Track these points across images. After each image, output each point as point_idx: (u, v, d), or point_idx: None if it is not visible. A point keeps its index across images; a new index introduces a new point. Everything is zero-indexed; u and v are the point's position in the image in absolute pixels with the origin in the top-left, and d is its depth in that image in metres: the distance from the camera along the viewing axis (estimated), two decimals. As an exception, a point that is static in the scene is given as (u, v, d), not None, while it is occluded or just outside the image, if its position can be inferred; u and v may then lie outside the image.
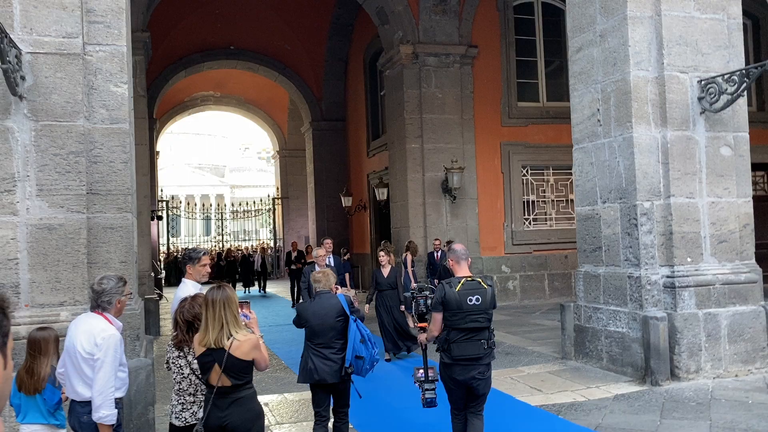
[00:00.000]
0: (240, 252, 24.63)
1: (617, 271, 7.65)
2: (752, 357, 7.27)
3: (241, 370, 3.46)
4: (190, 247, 35.37)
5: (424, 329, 4.85)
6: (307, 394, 7.17)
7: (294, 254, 17.59)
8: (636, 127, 7.35)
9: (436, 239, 12.92)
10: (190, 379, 3.69)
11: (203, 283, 5.08)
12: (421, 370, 4.74)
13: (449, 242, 11.26)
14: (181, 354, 3.73)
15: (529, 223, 14.95)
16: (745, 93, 7.31)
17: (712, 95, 7.27)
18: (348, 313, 4.88)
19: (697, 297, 7.18)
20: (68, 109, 5.67)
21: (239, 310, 3.73)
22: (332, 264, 9.82)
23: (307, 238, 23.90)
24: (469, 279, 4.55)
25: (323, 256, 9.09)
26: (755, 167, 15.43)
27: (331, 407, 5.05)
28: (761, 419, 5.72)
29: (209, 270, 5.01)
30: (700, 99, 7.39)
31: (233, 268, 22.01)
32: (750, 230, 7.71)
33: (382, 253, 9.43)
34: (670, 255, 7.30)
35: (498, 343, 9.67)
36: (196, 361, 3.62)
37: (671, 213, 7.30)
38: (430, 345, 4.88)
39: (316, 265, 8.95)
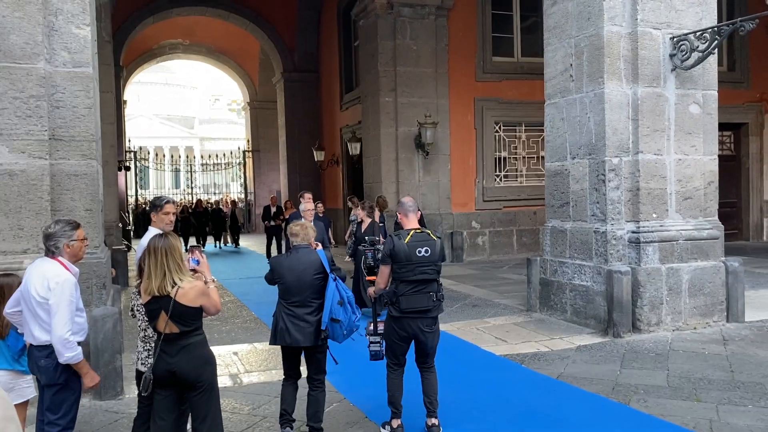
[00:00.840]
0: (210, 205, 24.00)
1: (584, 227, 7.77)
2: (711, 310, 7.51)
3: (189, 317, 3.45)
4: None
5: (373, 282, 4.87)
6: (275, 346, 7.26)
7: (273, 209, 16.52)
8: (608, 83, 7.37)
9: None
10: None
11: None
12: (372, 324, 4.80)
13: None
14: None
15: (500, 180, 15.04)
16: (716, 52, 7.35)
17: (684, 52, 7.30)
18: (328, 270, 4.39)
19: (661, 252, 7.35)
20: (27, 50, 5.47)
21: (191, 255, 3.73)
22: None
23: (279, 192, 23.73)
24: (417, 231, 4.56)
25: (311, 210, 8.42)
26: (723, 127, 15.67)
27: (305, 374, 4.64)
28: (716, 369, 5.95)
29: (172, 219, 4.83)
30: (671, 56, 7.41)
31: (203, 221, 21.07)
32: (714, 188, 7.86)
33: (359, 210, 9.24)
34: (636, 211, 7.43)
35: (465, 296, 9.93)
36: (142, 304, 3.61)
37: (639, 169, 7.39)
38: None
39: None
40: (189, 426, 3.80)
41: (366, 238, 5.79)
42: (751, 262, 11.76)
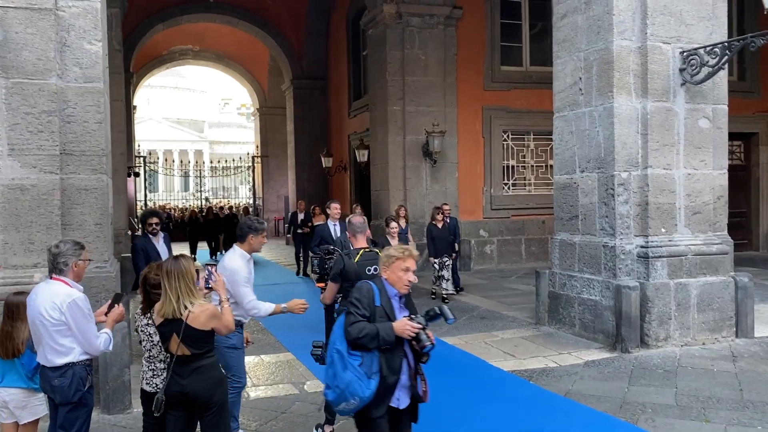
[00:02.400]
0: (222, 211, 22.45)
1: (593, 240, 7.75)
2: (719, 326, 7.47)
3: (200, 340, 3.48)
4: (166, 203, 35.07)
5: (322, 289, 5.13)
6: (284, 356, 7.28)
7: (301, 216, 14.82)
8: (617, 97, 7.35)
9: (445, 204, 11.53)
10: (160, 346, 3.70)
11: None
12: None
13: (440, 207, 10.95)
14: (150, 321, 3.73)
15: (508, 188, 15.01)
16: (727, 64, 7.33)
17: (694, 67, 7.27)
18: None
19: (670, 267, 7.31)
20: (40, 66, 5.52)
21: (205, 273, 3.76)
22: (338, 232, 8.69)
23: (287, 198, 23.81)
24: (366, 250, 4.81)
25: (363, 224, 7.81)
26: (733, 137, 15.58)
27: None
28: (724, 387, 5.92)
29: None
30: (681, 70, 7.39)
31: (215, 227, 19.77)
32: (724, 202, 7.82)
33: (394, 224, 8.64)
34: (645, 225, 7.40)
35: (473, 308, 9.91)
36: (156, 326, 3.63)
37: (648, 184, 7.36)
38: None
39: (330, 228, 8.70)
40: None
41: (320, 247, 5.94)
42: (761, 274, 11.68)
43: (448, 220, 10.97)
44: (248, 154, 28.07)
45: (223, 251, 20.44)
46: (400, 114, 14.07)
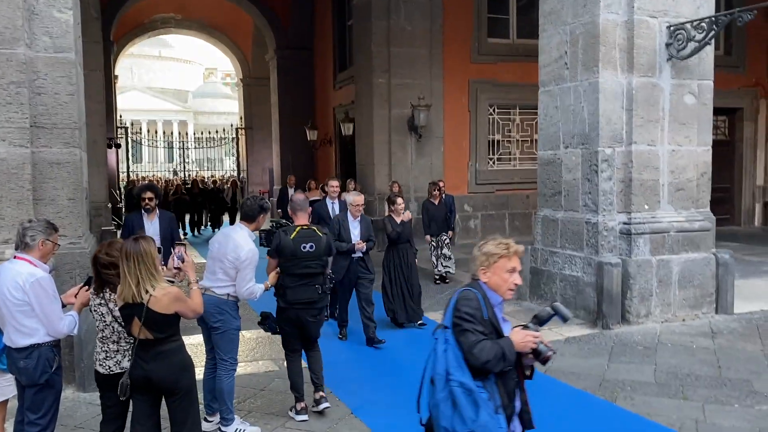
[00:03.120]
0: (207, 185, 22.12)
1: (575, 217, 7.71)
2: (700, 302, 7.50)
3: (163, 324, 3.36)
4: (149, 175, 34.67)
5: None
6: (264, 332, 7.22)
7: (291, 192, 13.59)
8: (602, 72, 7.26)
9: (441, 180, 11.18)
10: (113, 327, 3.59)
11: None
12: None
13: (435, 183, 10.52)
14: (102, 301, 3.62)
15: (493, 163, 14.93)
16: (713, 39, 7.24)
17: (680, 42, 7.18)
18: None
19: (652, 244, 7.31)
20: (7, 35, 5.32)
21: (176, 252, 3.65)
22: (337, 210, 8.13)
23: (272, 171, 23.58)
24: (304, 227, 4.84)
25: (360, 205, 6.92)
26: (717, 112, 15.51)
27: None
28: (703, 364, 5.95)
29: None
30: (668, 45, 7.29)
31: (200, 201, 19.49)
32: (707, 179, 7.81)
33: (400, 200, 7.77)
34: (628, 202, 7.37)
35: (456, 283, 9.87)
36: (116, 308, 3.54)
37: (632, 160, 7.32)
38: None
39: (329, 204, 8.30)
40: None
41: (272, 221, 6.00)
42: (741, 249, 11.75)
43: (444, 196, 10.51)
44: (232, 126, 27.70)
45: (210, 227, 20.16)
46: (385, 87, 13.87)
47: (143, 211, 6.78)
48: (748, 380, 5.51)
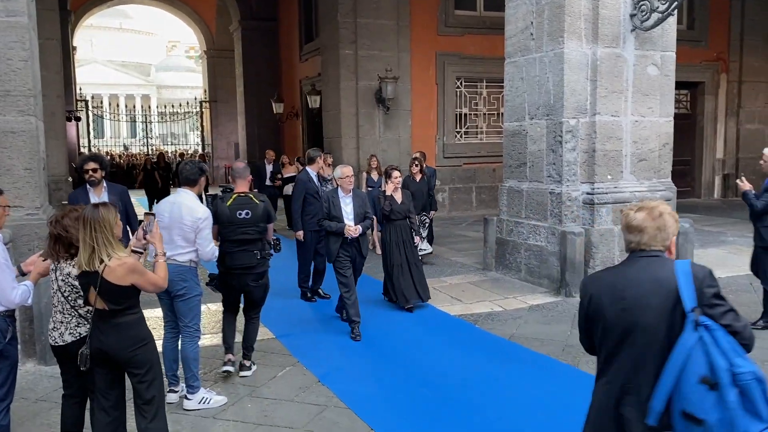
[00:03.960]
0: (175, 158, 22.02)
1: (540, 187, 7.79)
2: (660, 270, 7.67)
3: (118, 296, 3.25)
4: (110, 150, 33.92)
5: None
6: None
7: (269, 168, 13.10)
8: (567, 43, 7.28)
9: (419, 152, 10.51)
10: (58, 297, 3.50)
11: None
12: None
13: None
14: (52, 269, 3.53)
15: (461, 137, 14.97)
16: (676, 11, 7.30)
17: (644, 12, 7.23)
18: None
19: (614, 213, 7.43)
20: (-46, -3, 5.09)
21: (145, 221, 3.57)
22: (316, 183, 7.54)
23: (237, 145, 23.27)
24: (241, 195, 4.91)
25: (350, 177, 6.19)
26: (679, 85, 15.71)
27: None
28: (662, 329, 6.10)
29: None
30: (632, 16, 7.34)
31: (166, 176, 17.92)
32: (669, 149, 7.94)
33: (397, 173, 6.98)
34: (591, 172, 7.47)
35: (432, 264, 9.86)
36: (61, 279, 3.44)
37: (596, 131, 7.39)
38: None
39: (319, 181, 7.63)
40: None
41: (221, 187, 5.99)
42: (701, 220, 12.04)
43: (425, 172, 9.46)
44: (196, 99, 27.19)
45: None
46: (352, 58, 13.73)
47: (88, 185, 5.79)
48: (705, 343, 5.66)
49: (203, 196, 7.27)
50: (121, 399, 3.52)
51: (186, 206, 4.49)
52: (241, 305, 5.28)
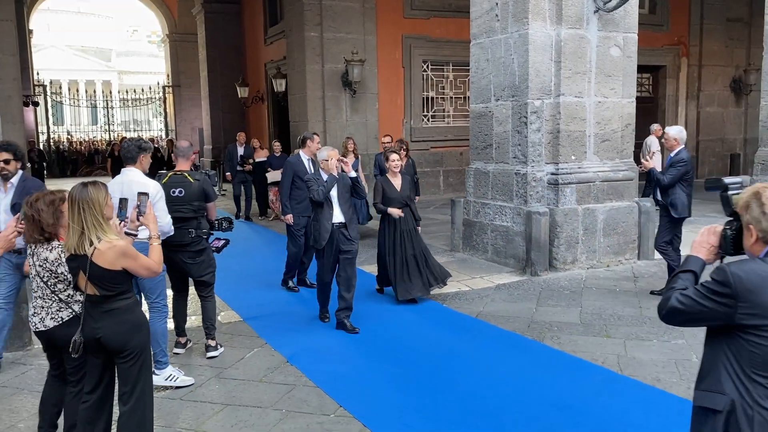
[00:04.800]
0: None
1: (506, 168, 7.86)
2: (623, 249, 7.83)
3: (109, 281, 3.12)
4: (70, 136, 33.12)
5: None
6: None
7: (240, 151, 12.69)
8: (532, 24, 7.33)
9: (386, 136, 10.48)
10: (36, 282, 3.39)
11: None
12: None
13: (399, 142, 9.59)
14: (30, 252, 3.41)
15: (428, 120, 14.99)
16: (638, -6, 7.41)
17: (607, -6, 7.31)
18: None
19: (578, 193, 7.54)
20: None
21: (138, 204, 3.44)
22: (311, 168, 6.88)
23: (201, 131, 22.93)
24: (177, 173, 5.01)
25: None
26: (642, 69, 15.93)
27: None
28: (625, 305, 6.24)
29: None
30: (594, -3, 7.42)
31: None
32: (631, 130, 8.07)
33: (395, 156, 6.53)
34: (556, 153, 7.56)
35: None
36: (39, 264, 3.32)
37: (560, 112, 7.48)
38: None
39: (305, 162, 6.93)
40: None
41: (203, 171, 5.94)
42: (662, 201, 12.30)
43: (409, 159, 9.17)
44: (158, 84, 26.67)
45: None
46: (318, 41, 13.60)
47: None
48: (666, 318, 5.81)
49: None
50: (109, 387, 3.36)
51: (136, 182, 4.41)
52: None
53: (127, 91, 29.63)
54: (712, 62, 16.85)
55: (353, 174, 5.70)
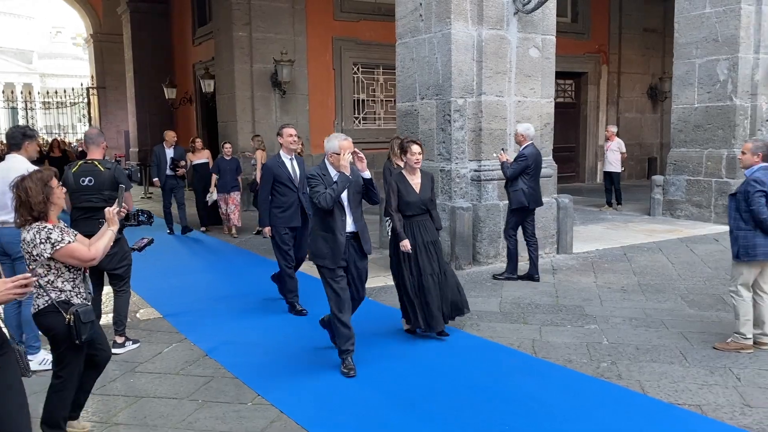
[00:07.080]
0: (72, 148, 19.96)
1: (431, 166, 7.98)
2: (543, 243, 8.08)
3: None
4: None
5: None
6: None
7: (170, 152, 10.69)
8: (455, 24, 7.50)
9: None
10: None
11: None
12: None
13: None
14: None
15: (359, 122, 15.07)
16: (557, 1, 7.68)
17: (525, -4, 7.57)
18: None
19: (500, 189, 7.73)
20: None
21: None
22: (296, 168, 6.24)
23: (127, 133, 22.27)
24: (87, 162, 4.92)
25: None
26: (565, 75, 16.53)
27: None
28: (543, 295, 6.46)
29: None
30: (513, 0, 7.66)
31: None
32: (550, 129, 8.35)
33: (416, 148, 5.31)
34: (478, 150, 7.74)
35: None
36: (24, 245, 3.31)
37: (482, 110, 7.67)
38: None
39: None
40: None
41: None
42: (584, 201, 12.79)
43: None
44: (82, 85, 25.75)
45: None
46: (246, 40, 13.48)
47: None
48: (581, 306, 6.05)
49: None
50: None
51: (14, 170, 4.28)
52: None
53: (48, 93, 28.45)
54: (631, 70, 17.66)
55: (368, 174, 4.53)
